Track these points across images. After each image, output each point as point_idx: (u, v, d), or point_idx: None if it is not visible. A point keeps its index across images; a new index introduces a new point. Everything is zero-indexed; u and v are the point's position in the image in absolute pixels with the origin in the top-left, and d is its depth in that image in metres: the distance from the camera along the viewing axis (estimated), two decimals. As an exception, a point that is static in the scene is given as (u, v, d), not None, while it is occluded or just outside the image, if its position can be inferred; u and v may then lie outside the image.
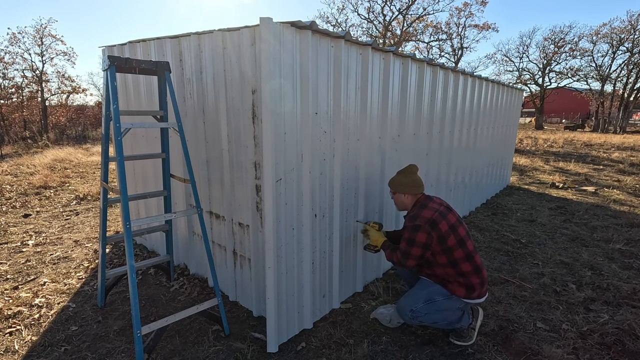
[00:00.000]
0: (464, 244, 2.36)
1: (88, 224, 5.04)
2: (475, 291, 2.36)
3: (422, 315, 2.37)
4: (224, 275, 3.08)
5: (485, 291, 2.43)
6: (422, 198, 2.54)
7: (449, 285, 2.39)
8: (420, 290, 2.45)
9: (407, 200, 2.57)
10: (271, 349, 2.38)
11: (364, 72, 2.74)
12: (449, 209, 2.47)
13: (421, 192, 2.56)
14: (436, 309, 2.37)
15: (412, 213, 2.43)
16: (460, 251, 2.34)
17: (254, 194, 2.58)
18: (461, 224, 2.43)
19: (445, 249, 2.33)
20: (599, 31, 28.29)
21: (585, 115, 40.08)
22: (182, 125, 2.52)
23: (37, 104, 19.82)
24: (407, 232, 2.39)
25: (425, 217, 2.34)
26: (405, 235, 2.41)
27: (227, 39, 2.47)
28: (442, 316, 2.40)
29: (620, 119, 27.01)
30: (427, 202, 2.46)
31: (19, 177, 8.13)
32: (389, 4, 24.93)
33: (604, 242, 4.40)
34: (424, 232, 2.32)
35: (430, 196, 2.55)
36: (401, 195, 2.58)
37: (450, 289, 2.39)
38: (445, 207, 2.45)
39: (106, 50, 3.72)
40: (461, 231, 2.38)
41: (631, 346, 2.49)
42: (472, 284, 2.35)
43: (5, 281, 3.37)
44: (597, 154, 13.32)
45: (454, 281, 2.38)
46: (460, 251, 2.34)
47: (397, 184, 2.59)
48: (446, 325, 2.44)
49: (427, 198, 2.52)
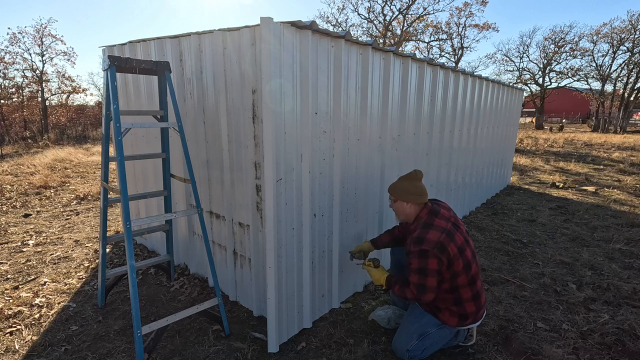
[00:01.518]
0: (469, 268, 2.18)
1: (88, 224, 5.04)
2: (469, 319, 2.24)
3: (419, 352, 2.25)
4: (224, 275, 3.08)
5: (482, 314, 2.31)
6: (425, 212, 2.27)
7: (439, 315, 2.25)
8: (412, 324, 2.30)
9: (410, 210, 2.32)
10: (272, 349, 2.38)
11: (364, 72, 2.74)
12: (456, 225, 2.25)
13: (425, 202, 2.31)
14: (430, 343, 2.26)
15: (416, 235, 2.15)
16: (464, 277, 2.16)
17: (254, 193, 2.58)
18: (468, 243, 2.23)
19: (452, 275, 2.15)
20: (599, 31, 28.30)
21: (586, 115, 40.09)
22: (182, 125, 2.52)
23: (37, 104, 19.83)
24: (414, 260, 2.13)
25: (432, 240, 2.09)
26: (412, 265, 2.14)
27: (227, 39, 2.47)
28: (438, 345, 2.30)
29: (621, 118, 26.99)
30: (433, 220, 2.20)
31: (19, 177, 8.13)
32: (389, 4, 24.93)
33: (605, 242, 4.40)
34: (434, 257, 2.07)
35: (435, 207, 2.30)
36: (403, 204, 2.32)
37: (442, 318, 2.24)
38: (452, 224, 2.23)
39: (106, 50, 3.72)
40: (468, 254, 2.18)
41: (631, 346, 2.49)
42: (465, 313, 2.22)
43: (6, 281, 3.37)
44: (598, 153, 13.31)
45: (445, 309, 2.24)
46: (464, 277, 2.16)
47: (399, 190, 2.33)
48: (444, 346, 2.38)
49: (431, 213, 2.25)
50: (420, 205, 2.31)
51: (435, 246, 2.07)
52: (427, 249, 2.07)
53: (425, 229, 2.14)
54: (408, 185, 2.31)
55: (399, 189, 2.34)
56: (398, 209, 2.37)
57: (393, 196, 2.37)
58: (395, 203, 2.37)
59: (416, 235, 2.15)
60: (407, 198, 2.29)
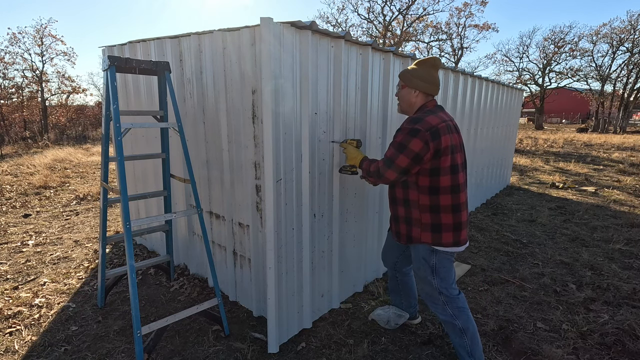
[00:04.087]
0: (456, 172, 1.97)
1: (88, 224, 5.04)
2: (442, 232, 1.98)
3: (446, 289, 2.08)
4: (224, 275, 3.08)
5: (465, 240, 2.04)
6: (432, 104, 2.06)
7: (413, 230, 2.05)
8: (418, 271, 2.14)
9: (416, 100, 2.07)
10: (272, 349, 2.38)
11: (364, 72, 2.74)
12: (457, 128, 2.05)
13: (434, 95, 2.10)
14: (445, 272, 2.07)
15: (415, 115, 1.97)
16: (448, 179, 1.94)
17: (254, 194, 2.58)
18: (462, 150, 2.05)
19: (434, 170, 1.93)
20: (599, 31, 28.32)
21: (585, 115, 40.11)
22: (182, 125, 2.52)
23: (37, 104, 19.85)
24: (400, 134, 1.93)
25: (429, 122, 1.89)
26: (396, 138, 1.94)
27: (227, 39, 2.47)
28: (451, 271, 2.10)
29: (620, 119, 27.00)
30: (437, 110, 2.01)
31: (19, 177, 8.13)
32: (389, 4, 24.98)
33: (604, 242, 4.40)
34: (421, 139, 1.86)
35: (441, 106, 2.10)
36: (410, 92, 2.06)
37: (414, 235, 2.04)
38: (454, 125, 2.03)
39: (106, 51, 3.72)
40: (459, 158, 1.99)
41: (631, 346, 2.49)
42: (439, 224, 1.97)
43: (5, 281, 3.37)
44: (597, 154, 13.32)
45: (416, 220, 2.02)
46: (449, 179, 1.95)
47: (409, 76, 2.06)
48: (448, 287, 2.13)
49: (437, 106, 2.05)
50: (428, 97, 2.08)
51: (429, 129, 1.87)
52: (420, 129, 1.87)
53: (426, 114, 1.96)
54: (422, 71, 2.05)
55: (410, 74, 2.08)
56: (403, 97, 2.12)
57: (402, 81, 2.11)
58: (402, 90, 2.12)
59: (415, 115, 1.98)
60: (417, 85, 2.04)
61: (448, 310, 2.12)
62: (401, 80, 2.12)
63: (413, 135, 1.88)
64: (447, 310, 2.12)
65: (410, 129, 1.90)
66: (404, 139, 1.90)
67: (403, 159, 1.90)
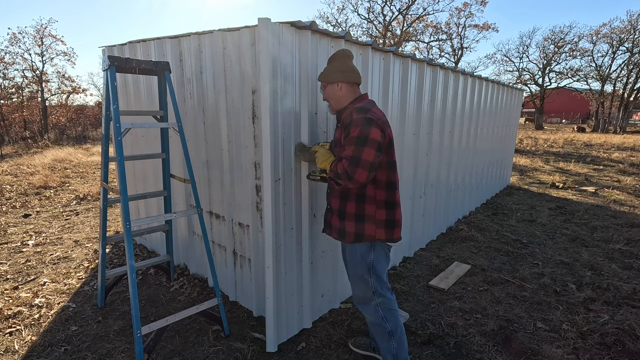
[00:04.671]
0: (395, 169, 1.94)
1: (88, 224, 5.04)
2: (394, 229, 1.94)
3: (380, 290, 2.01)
4: (224, 275, 3.08)
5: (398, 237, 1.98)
6: (366, 97, 1.99)
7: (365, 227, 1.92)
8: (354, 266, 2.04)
9: (342, 93, 1.96)
10: (270, 348, 2.38)
11: (363, 72, 2.74)
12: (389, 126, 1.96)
13: (358, 82, 2.00)
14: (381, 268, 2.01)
15: (359, 105, 1.86)
16: (396, 174, 1.93)
17: (254, 194, 2.58)
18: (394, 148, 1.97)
19: (390, 164, 1.88)
20: (599, 31, 28.34)
21: (586, 115, 40.11)
22: (182, 126, 2.52)
23: (37, 104, 19.85)
24: (354, 129, 1.77)
25: (376, 113, 1.82)
26: (352, 134, 1.77)
27: (227, 39, 2.47)
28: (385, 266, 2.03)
29: (620, 119, 27.01)
30: (373, 105, 1.93)
31: (19, 177, 8.13)
32: (389, 4, 24.98)
33: (604, 242, 4.40)
34: (377, 127, 1.75)
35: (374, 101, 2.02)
36: (333, 87, 1.96)
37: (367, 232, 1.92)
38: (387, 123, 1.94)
39: (106, 51, 3.72)
40: (394, 156, 1.93)
41: (631, 346, 2.49)
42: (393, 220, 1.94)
43: (5, 281, 3.37)
44: (597, 154, 13.32)
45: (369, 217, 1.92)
46: (396, 175, 1.93)
47: (326, 73, 1.99)
48: None
49: (372, 101, 1.98)
50: (353, 85, 1.98)
51: (379, 119, 1.80)
52: (372, 118, 1.76)
53: (369, 105, 1.89)
54: (336, 64, 1.98)
55: (326, 71, 2.01)
56: (329, 95, 2.01)
57: (322, 81, 2.02)
58: (326, 89, 2.01)
59: (360, 105, 1.86)
60: (336, 77, 1.95)
61: (380, 312, 2.03)
62: (321, 82, 2.05)
63: (369, 124, 1.75)
64: (379, 312, 2.03)
65: (363, 117, 1.76)
66: (363, 131, 1.74)
67: (369, 152, 1.74)
